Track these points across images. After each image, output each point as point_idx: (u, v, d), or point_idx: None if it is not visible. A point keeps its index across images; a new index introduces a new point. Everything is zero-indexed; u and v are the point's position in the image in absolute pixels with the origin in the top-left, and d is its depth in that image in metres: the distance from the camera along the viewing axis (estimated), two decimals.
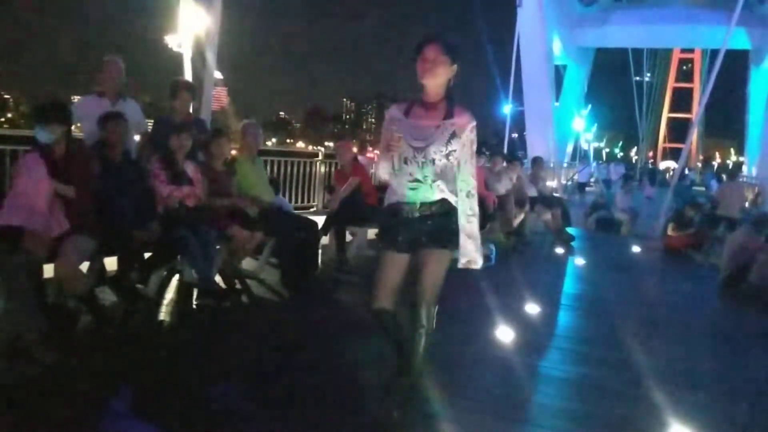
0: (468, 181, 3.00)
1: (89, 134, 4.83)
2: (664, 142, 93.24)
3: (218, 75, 8.85)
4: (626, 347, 4.42)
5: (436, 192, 2.97)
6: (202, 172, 5.05)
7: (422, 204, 2.98)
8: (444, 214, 3.00)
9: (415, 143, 2.92)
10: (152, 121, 5.93)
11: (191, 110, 5.67)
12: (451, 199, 3.00)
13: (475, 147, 3.01)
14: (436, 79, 2.89)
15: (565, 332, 4.95)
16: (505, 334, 4.45)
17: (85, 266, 4.27)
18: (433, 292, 2.99)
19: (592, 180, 26.78)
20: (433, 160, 2.91)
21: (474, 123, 2.96)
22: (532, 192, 9.46)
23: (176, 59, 8.79)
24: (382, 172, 3.05)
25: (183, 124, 5.18)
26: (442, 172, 2.96)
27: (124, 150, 4.62)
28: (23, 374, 3.28)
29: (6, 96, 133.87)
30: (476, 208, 3.03)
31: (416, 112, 3.00)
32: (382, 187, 7.45)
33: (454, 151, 2.93)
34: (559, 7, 25.79)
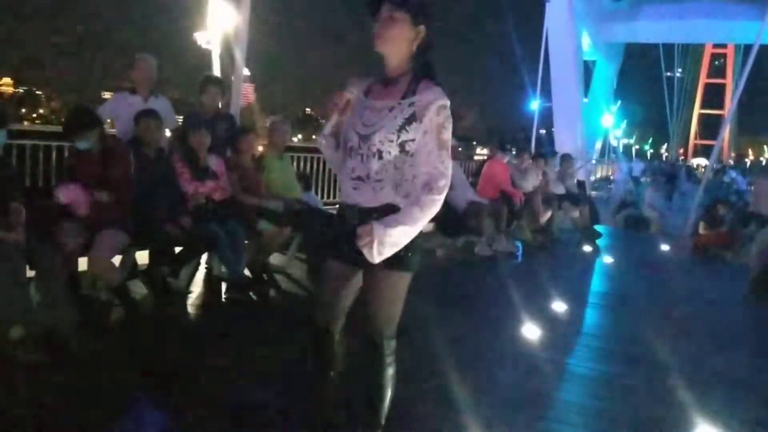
0: (430, 172, 2.20)
1: (122, 131, 4.93)
2: (696, 138, 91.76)
3: (245, 71, 8.94)
4: (653, 346, 4.39)
5: (379, 195, 2.24)
6: (230, 168, 5.12)
7: (361, 210, 2.27)
8: None
9: (362, 129, 2.26)
10: (182, 117, 6.02)
11: (220, 105, 5.73)
12: (402, 206, 2.24)
13: (446, 135, 2.21)
14: (393, 43, 2.24)
15: (591, 330, 4.93)
16: (531, 331, 4.45)
17: (117, 260, 4.38)
18: (385, 323, 2.36)
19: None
20: (380, 152, 2.21)
21: (442, 102, 2.19)
22: (559, 189, 9.40)
23: (205, 56, 8.90)
24: (321, 147, 2.50)
25: (212, 119, 5.26)
26: (390, 169, 2.23)
27: (158, 146, 4.71)
28: (57, 365, 3.36)
29: (38, 92, 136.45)
30: (427, 212, 2.19)
31: (374, 91, 2.34)
32: None
33: (412, 140, 2.20)
34: (589, 2, 25.45)
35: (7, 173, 3.86)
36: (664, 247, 9.29)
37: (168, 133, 5.46)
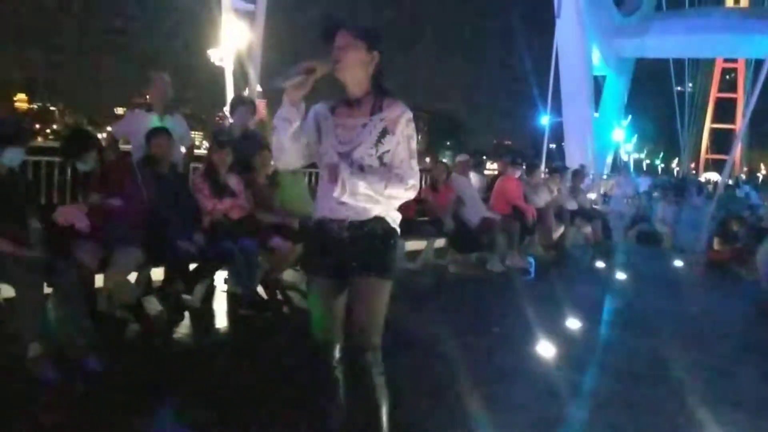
0: (403, 171, 2.41)
1: (138, 148, 4.98)
2: (707, 153, 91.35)
3: (258, 88, 9.02)
4: (668, 363, 4.35)
5: (368, 209, 2.41)
6: (245, 185, 5.16)
7: (352, 223, 2.43)
8: (379, 236, 2.44)
9: (340, 147, 2.41)
10: (194, 132, 6.07)
11: (250, 125, 5.79)
12: (389, 216, 2.46)
13: (414, 143, 2.46)
14: (351, 69, 2.39)
15: (606, 347, 4.88)
16: (545, 348, 4.43)
17: (133, 276, 4.41)
18: (372, 331, 2.43)
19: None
20: (362, 167, 2.37)
21: (408, 114, 2.44)
22: (571, 205, 9.38)
23: (217, 72, 8.97)
24: (276, 151, 2.48)
25: (240, 137, 5.33)
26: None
27: (172, 163, 4.76)
28: (73, 381, 3.38)
29: (52, 108, 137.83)
30: (390, 189, 2.36)
31: (341, 110, 2.49)
32: (419, 200, 7.54)
33: (387, 151, 2.41)
34: (598, 17, 25.53)
35: (25, 191, 3.91)
36: (678, 263, 9.22)
37: (183, 150, 5.52)
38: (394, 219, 2.51)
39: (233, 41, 8.82)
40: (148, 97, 5.20)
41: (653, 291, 7.36)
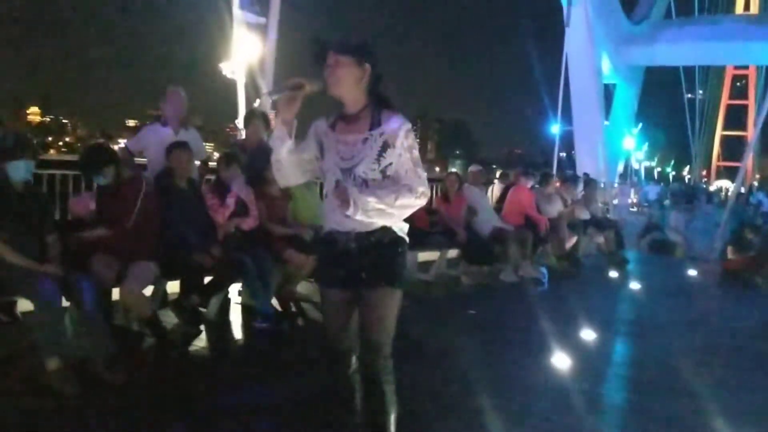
0: (411, 181, 2.43)
1: (153, 161, 5.02)
2: (718, 160, 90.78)
3: (270, 100, 9.04)
4: (684, 374, 4.32)
5: (374, 219, 2.42)
6: (258, 197, 5.19)
7: (359, 234, 2.46)
8: (386, 245, 2.47)
9: (342, 163, 2.45)
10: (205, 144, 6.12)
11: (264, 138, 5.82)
12: (396, 226, 2.49)
13: (416, 152, 2.48)
14: (343, 85, 2.43)
15: (620, 358, 4.88)
16: (559, 359, 4.41)
17: (149, 290, 4.44)
18: (383, 339, 2.48)
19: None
20: (365, 181, 2.41)
21: (407, 126, 2.47)
22: (584, 214, 9.36)
23: (229, 84, 9.02)
24: (276, 169, 2.55)
25: (255, 150, 5.36)
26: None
27: (189, 178, 4.79)
28: (91, 395, 3.40)
29: (65, 121, 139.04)
30: (401, 200, 2.39)
31: (340, 126, 2.52)
32: (432, 210, 7.54)
33: (390, 164, 2.43)
34: (608, 25, 25.53)
35: (42, 206, 3.95)
36: (692, 272, 9.17)
37: (198, 163, 5.55)
38: (401, 228, 2.53)
39: (245, 54, 8.86)
40: (162, 111, 5.22)
41: (667, 301, 7.31)
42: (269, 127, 5.81)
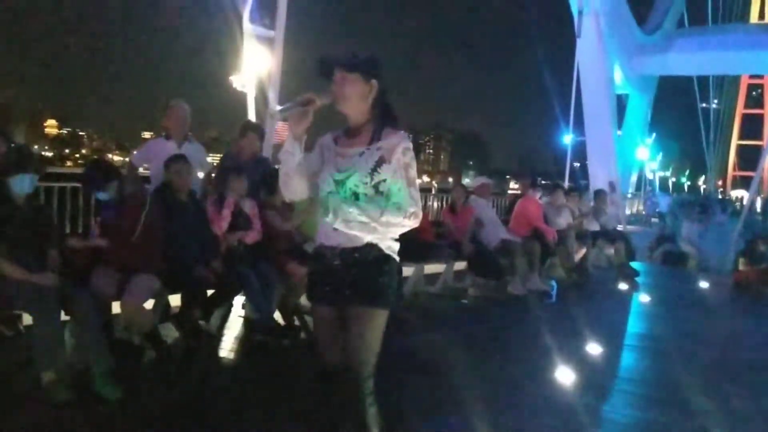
0: (406, 200, 2.41)
1: (156, 175, 5.04)
2: (734, 170, 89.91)
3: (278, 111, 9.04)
4: (694, 391, 4.24)
5: (360, 235, 2.41)
6: (265, 207, 5.19)
7: (343, 250, 2.44)
8: (370, 263, 2.43)
9: (337, 175, 2.44)
10: (219, 155, 6.12)
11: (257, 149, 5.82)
12: (383, 243, 2.44)
13: (413, 172, 2.44)
14: (349, 101, 2.45)
15: (628, 374, 4.79)
16: (565, 375, 4.34)
17: (150, 303, 4.43)
18: (363, 358, 2.42)
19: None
20: (356, 195, 2.40)
21: (405, 143, 2.43)
22: (594, 226, 9.28)
23: (241, 96, 9.06)
24: (283, 183, 2.52)
25: (249, 162, 5.35)
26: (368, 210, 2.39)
27: (190, 191, 4.79)
28: (88, 409, 3.39)
29: (81, 133, 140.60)
30: (388, 218, 2.36)
31: (342, 140, 2.54)
32: (438, 223, 7.51)
33: (384, 180, 2.41)
34: (620, 36, 25.42)
35: (44, 220, 3.97)
36: (704, 284, 9.04)
37: (201, 175, 5.57)
38: (389, 246, 2.48)
39: (255, 67, 8.90)
40: (165, 125, 5.24)
41: (678, 314, 7.21)
42: (263, 140, 5.82)
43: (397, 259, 2.53)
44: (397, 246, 2.53)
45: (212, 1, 8.81)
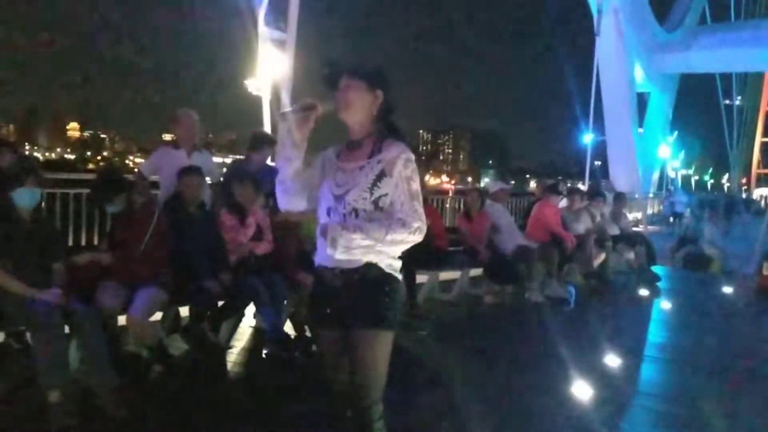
0: (405, 215, 2.29)
1: (166, 185, 4.98)
2: (758, 167, 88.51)
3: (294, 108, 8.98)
4: (719, 407, 4.08)
5: (359, 256, 2.30)
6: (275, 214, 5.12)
7: (343, 271, 2.34)
8: (371, 284, 2.33)
9: (336, 190, 2.35)
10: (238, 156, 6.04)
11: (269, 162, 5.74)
12: (383, 262, 2.33)
13: (415, 185, 2.32)
14: (352, 108, 2.35)
15: (650, 389, 4.62)
16: (581, 389, 4.20)
17: (158, 315, 4.38)
18: (369, 383, 2.33)
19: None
20: (355, 210, 2.30)
21: (407, 155, 2.32)
22: (613, 230, 9.09)
23: (259, 99, 9.04)
24: (279, 192, 2.45)
25: (258, 172, 5.26)
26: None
27: (200, 202, 4.73)
28: (92, 427, 3.33)
29: (103, 135, 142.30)
30: (392, 235, 2.25)
31: (343, 154, 2.44)
32: (453, 230, 7.38)
33: (385, 195, 2.31)
34: (640, 34, 25.12)
35: (48, 233, 3.92)
36: (727, 289, 8.78)
37: (209, 180, 5.50)
38: (390, 264, 2.37)
39: (270, 71, 8.87)
40: (174, 134, 5.19)
41: (701, 322, 6.99)
42: (274, 147, 5.73)
43: (400, 277, 2.43)
44: (398, 264, 2.42)
45: (230, 6, 8.78)
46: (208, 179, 5.44)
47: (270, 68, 8.79)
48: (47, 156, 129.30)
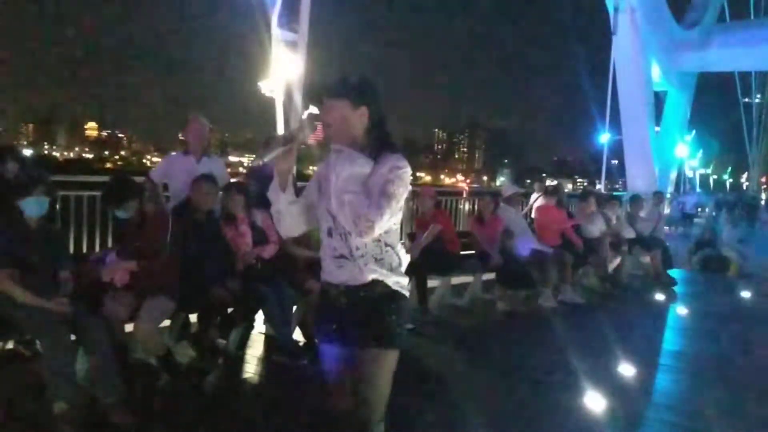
0: (368, 204, 2.18)
1: (176, 192, 4.96)
2: None
3: (314, 110, 8.97)
4: (740, 420, 3.98)
5: (364, 272, 2.27)
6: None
7: (349, 288, 2.30)
8: (376, 301, 2.28)
9: (333, 208, 2.28)
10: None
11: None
12: (389, 279, 2.30)
13: (390, 188, 2.17)
14: (337, 127, 2.27)
15: (666, 400, 4.49)
16: (594, 401, 4.11)
17: (166, 323, 4.36)
18: (371, 401, 2.31)
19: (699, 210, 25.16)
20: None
21: (396, 163, 2.21)
22: (629, 233, 8.96)
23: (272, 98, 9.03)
24: (276, 221, 2.41)
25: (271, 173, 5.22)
26: (369, 243, 2.26)
27: (209, 209, 4.69)
28: None
29: (120, 135, 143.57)
30: (347, 212, 2.21)
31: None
32: (465, 234, 7.30)
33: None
34: (657, 32, 24.78)
35: (56, 242, 3.91)
36: (746, 294, 8.60)
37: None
38: (397, 282, 2.33)
39: (283, 72, 8.85)
40: (183, 138, 5.17)
41: (719, 329, 6.81)
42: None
43: (407, 294, 2.39)
44: (405, 281, 2.37)
45: (244, 7, 8.77)
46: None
47: (283, 70, 8.77)
48: (65, 155, 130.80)
